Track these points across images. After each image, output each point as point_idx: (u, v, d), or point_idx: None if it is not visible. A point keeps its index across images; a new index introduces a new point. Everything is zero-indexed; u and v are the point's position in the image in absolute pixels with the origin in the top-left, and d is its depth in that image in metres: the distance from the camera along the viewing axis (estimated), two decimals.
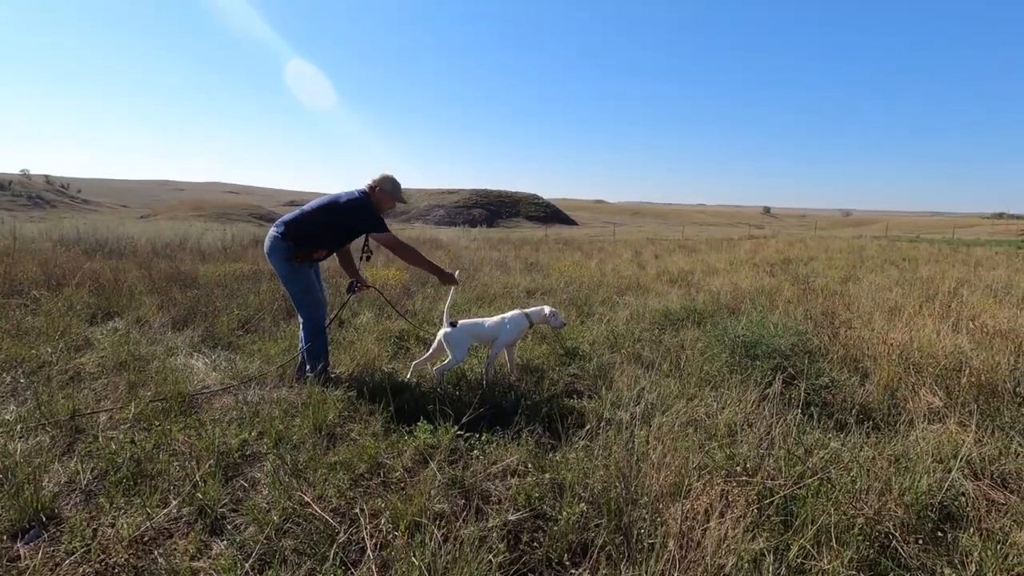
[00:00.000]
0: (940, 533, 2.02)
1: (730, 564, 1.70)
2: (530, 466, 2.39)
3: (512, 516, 2.07)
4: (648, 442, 2.41)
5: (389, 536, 1.94)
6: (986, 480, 2.39)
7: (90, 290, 5.81)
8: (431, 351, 3.62)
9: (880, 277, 8.36)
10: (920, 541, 1.96)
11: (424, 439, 2.61)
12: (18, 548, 1.88)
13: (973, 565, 1.82)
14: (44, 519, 2.04)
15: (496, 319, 3.63)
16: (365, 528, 1.94)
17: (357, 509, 2.08)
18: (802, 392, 2.97)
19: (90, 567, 1.79)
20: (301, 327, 3.57)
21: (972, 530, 2.02)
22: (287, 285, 3.52)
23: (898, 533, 1.96)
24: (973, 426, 2.66)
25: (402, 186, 3.60)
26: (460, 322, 3.53)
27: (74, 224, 13.85)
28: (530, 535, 2.00)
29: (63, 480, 2.30)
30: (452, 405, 2.86)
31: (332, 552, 1.84)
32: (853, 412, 2.97)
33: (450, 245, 15.43)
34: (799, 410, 2.84)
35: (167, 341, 4.36)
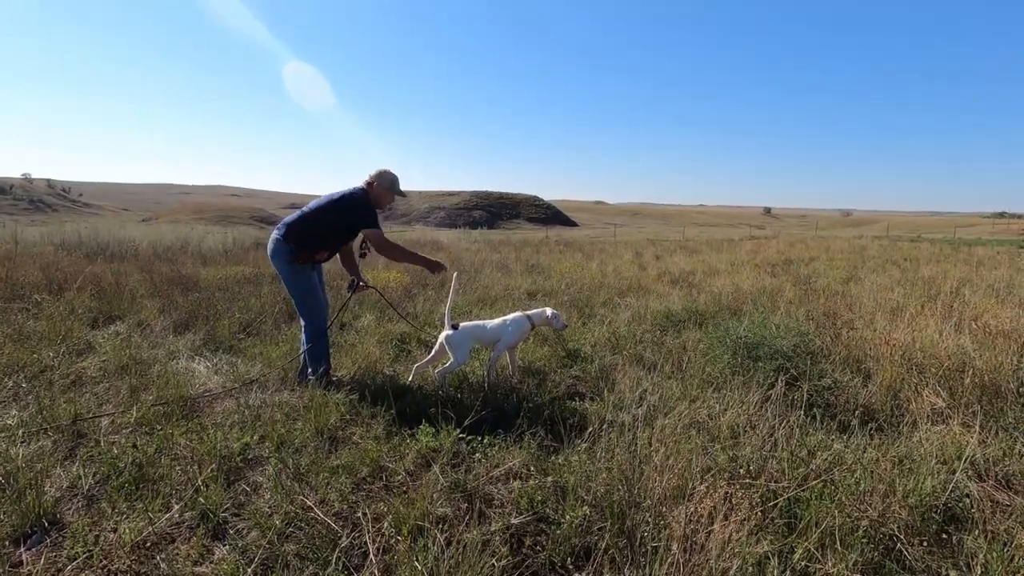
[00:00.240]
0: (945, 535, 2.01)
1: (734, 567, 1.69)
2: (532, 469, 2.39)
3: (515, 519, 2.07)
4: (651, 444, 2.40)
5: (392, 540, 1.93)
6: (991, 481, 2.37)
7: (91, 294, 5.83)
8: (433, 354, 3.61)
9: (882, 277, 8.34)
10: (925, 543, 1.95)
11: (426, 442, 2.60)
12: (20, 554, 1.88)
13: (979, 567, 1.81)
14: (46, 524, 2.04)
15: (498, 321, 3.63)
16: (367, 532, 1.93)
17: (359, 513, 2.08)
18: (805, 393, 2.96)
19: (92, 573, 1.78)
20: (303, 330, 3.57)
21: (977, 532, 2.01)
22: (289, 287, 3.52)
23: (903, 535, 1.96)
24: (977, 427, 2.65)
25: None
26: (462, 324, 3.52)
27: (75, 228, 13.88)
28: (533, 539, 2.00)
29: (65, 485, 2.30)
30: (454, 408, 2.86)
31: (335, 557, 1.84)
32: (856, 413, 2.95)
33: (451, 247, 15.44)
34: (802, 411, 2.83)
35: (168, 345, 4.36)
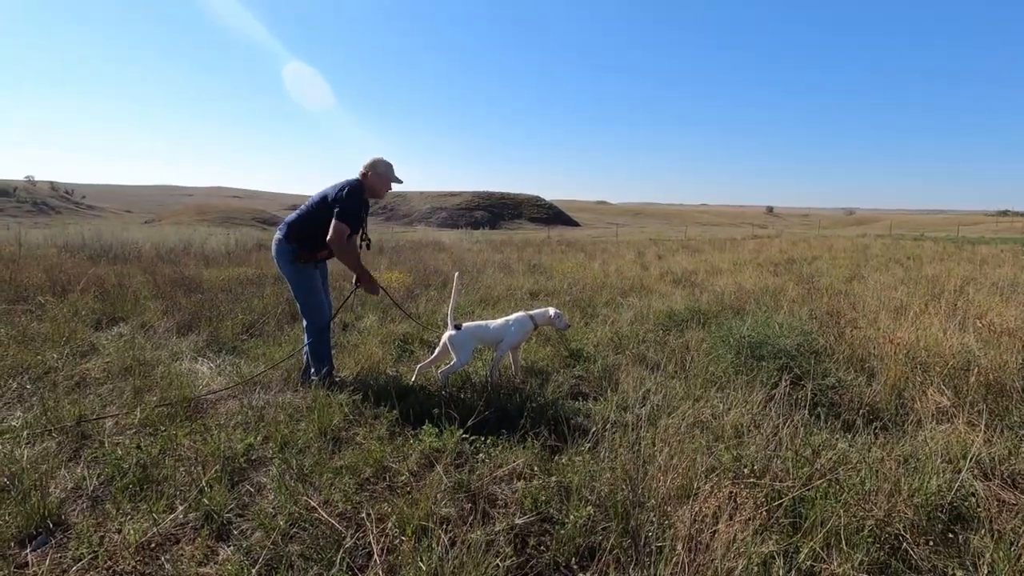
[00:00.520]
0: (951, 534, 2.00)
1: (740, 567, 1.69)
2: (536, 469, 2.39)
3: (519, 520, 2.07)
4: (654, 444, 2.40)
5: (396, 541, 1.93)
6: (997, 480, 2.36)
7: (95, 296, 5.85)
8: (436, 354, 3.61)
9: (885, 276, 8.32)
10: (931, 543, 1.94)
11: (430, 442, 2.60)
12: (26, 554, 1.88)
13: (985, 567, 1.80)
14: (51, 525, 2.04)
15: (501, 321, 3.63)
16: (372, 533, 1.93)
17: (363, 514, 2.07)
18: (809, 393, 2.95)
19: (97, 573, 1.79)
20: (304, 330, 3.57)
21: (983, 531, 2.00)
22: (292, 287, 3.52)
23: (908, 535, 1.95)
24: (982, 426, 2.63)
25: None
26: (464, 325, 3.52)
27: (79, 230, 13.93)
28: (537, 539, 1.99)
29: (70, 486, 2.30)
30: (457, 408, 2.85)
31: (339, 557, 1.84)
32: (860, 412, 2.95)
33: (453, 247, 15.44)
34: (806, 411, 2.82)
35: (172, 346, 4.37)
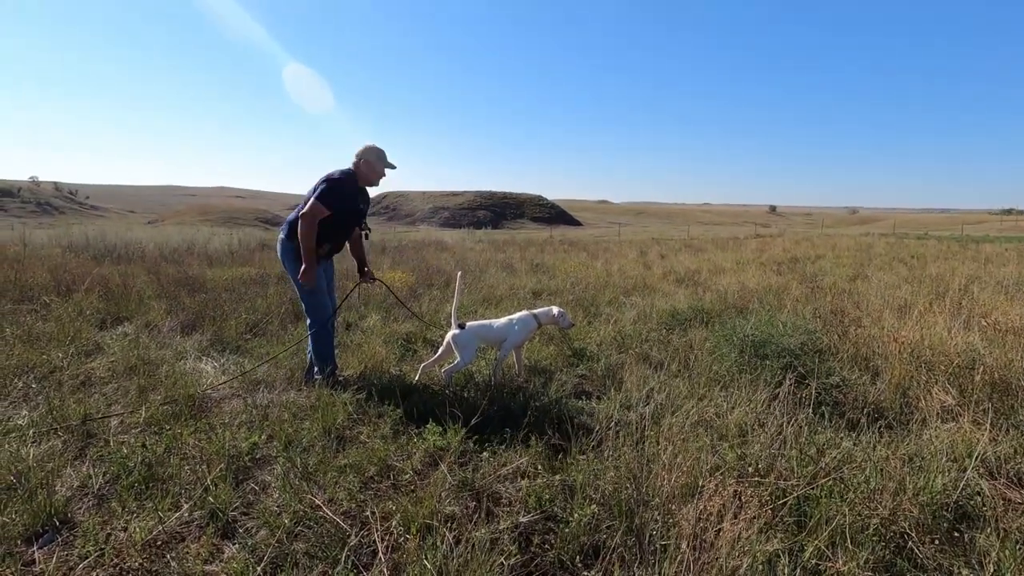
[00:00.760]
0: (956, 533, 2.00)
1: (744, 565, 1.68)
2: (540, 467, 2.39)
3: (523, 518, 2.07)
4: (658, 443, 2.39)
5: (400, 539, 1.93)
6: (1002, 479, 2.36)
7: (99, 295, 5.87)
8: (439, 353, 3.61)
9: (889, 275, 8.29)
10: (936, 541, 1.93)
11: (433, 441, 2.61)
12: (33, 552, 1.89)
13: (991, 566, 1.79)
14: (57, 523, 2.05)
15: (504, 320, 3.63)
16: (376, 531, 1.94)
17: (368, 512, 2.08)
18: (813, 391, 2.95)
19: (104, 571, 1.79)
20: (308, 329, 3.58)
21: (989, 530, 1.99)
22: (296, 286, 3.53)
23: (914, 533, 1.94)
24: (988, 424, 2.62)
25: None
26: (468, 324, 3.52)
27: (83, 230, 13.98)
28: (541, 537, 1.99)
29: (76, 484, 2.31)
30: (461, 407, 2.86)
31: (344, 555, 1.84)
32: (865, 411, 2.94)
33: (455, 247, 15.45)
34: (810, 409, 2.81)
35: (176, 345, 4.39)
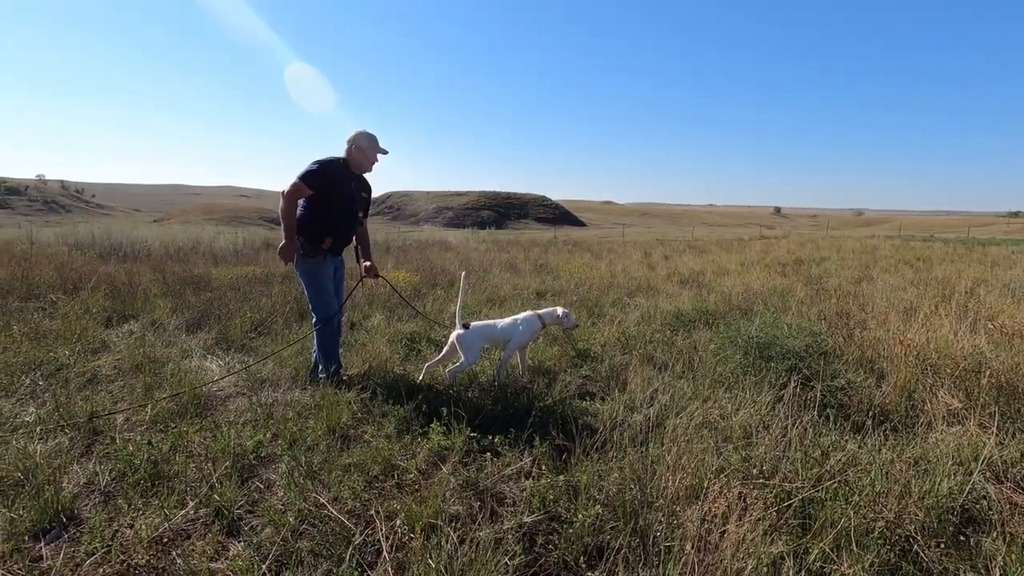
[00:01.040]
0: (962, 537, 1.99)
1: (749, 568, 1.68)
2: (544, 468, 2.39)
3: (527, 518, 2.07)
4: (663, 444, 2.39)
5: (405, 538, 1.94)
6: (1009, 483, 2.34)
7: (105, 293, 5.90)
8: (443, 353, 3.62)
9: (894, 277, 8.25)
10: (942, 545, 1.93)
11: (438, 441, 2.61)
12: (40, 548, 1.91)
13: (997, 570, 1.79)
14: (64, 520, 2.07)
15: (509, 320, 3.63)
16: (381, 530, 1.94)
17: (372, 511, 2.09)
18: (818, 394, 2.94)
19: (110, 567, 1.81)
20: (313, 326, 3.59)
21: (995, 534, 1.98)
22: (303, 281, 3.55)
23: (919, 537, 1.93)
24: (994, 428, 2.61)
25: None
26: (472, 324, 3.53)
27: (89, 229, 14.06)
28: (545, 537, 1.99)
29: (82, 481, 2.33)
30: (465, 407, 2.86)
31: (348, 554, 1.85)
32: (870, 414, 2.93)
33: (459, 247, 15.46)
34: (815, 412, 2.81)
35: (181, 344, 4.41)
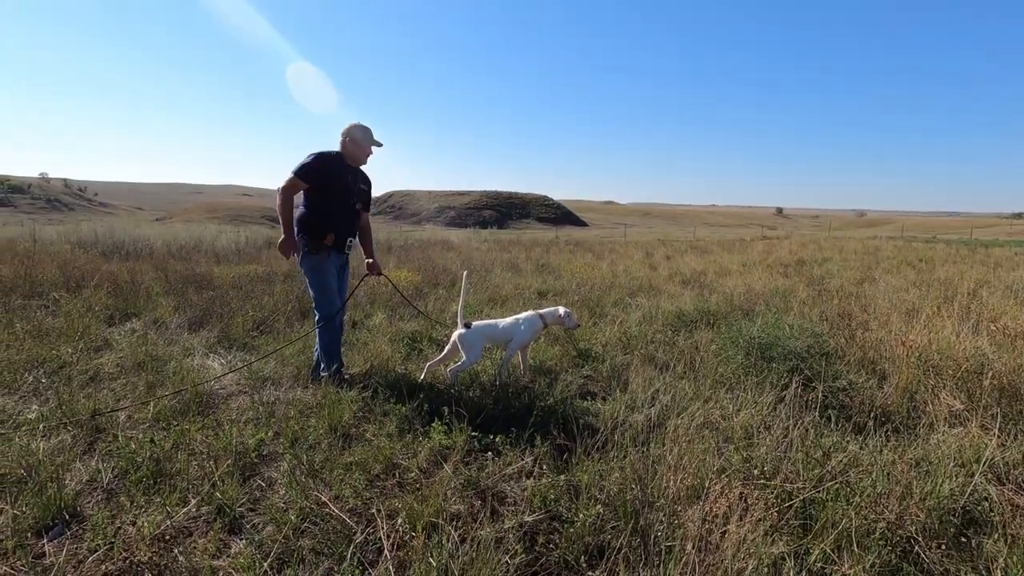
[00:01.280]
0: (963, 538, 1.98)
1: (750, 568, 1.68)
2: (545, 468, 2.39)
3: (528, 517, 2.07)
4: (664, 444, 2.39)
5: (406, 536, 1.94)
6: (1010, 485, 2.33)
7: (108, 292, 5.92)
8: (445, 352, 3.62)
9: (896, 278, 8.24)
10: (943, 546, 1.92)
11: (439, 440, 2.61)
12: (43, 545, 1.92)
13: (998, 571, 1.78)
14: (67, 517, 2.08)
15: (510, 320, 3.63)
16: (382, 528, 1.95)
17: (374, 509, 2.09)
18: (819, 394, 2.93)
19: (113, 564, 1.81)
20: (316, 323, 3.60)
21: (997, 536, 1.98)
22: (308, 279, 3.56)
23: (920, 538, 1.93)
24: (996, 430, 2.60)
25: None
26: (474, 323, 3.53)
27: (92, 227, 14.10)
28: (546, 537, 2.00)
29: (85, 478, 2.34)
30: (466, 406, 2.87)
31: (350, 552, 1.85)
32: (872, 415, 2.92)
33: (461, 247, 15.47)
34: (816, 413, 2.81)
35: (183, 342, 4.42)
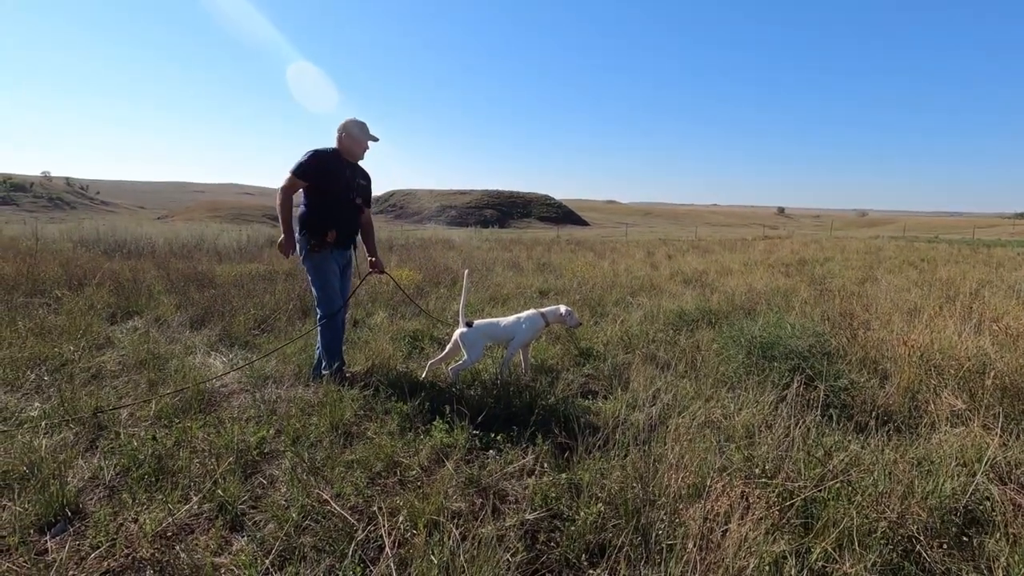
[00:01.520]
0: (965, 538, 1.98)
1: (751, 566, 1.68)
2: (546, 466, 2.39)
3: (529, 516, 2.07)
4: (665, 443, 2.39)
5: (407, 534, 1.95)
6: (1012, 484, 2.33)
7: (110, 290, 5.93)
8: (446, 351, 3.62)
9: (898, 278, 8.22)
10: (944, 546, 1.92)
11: (440, 438, 2.61)
12: (45, 541, 1.92)
13: (1000, 571, 1.78)
14: (69, 514, 2.08)
15: (512, 319, 3.63)
16: (383, 526, 1.95)
17: (375, 507, 2.09)
18: (821, 394, 2.93)
19: (115, 561, 1.82)
20: (317, 321, 3.61)
21: (998, 535, 1.97)
22: (311, 278, 3.57)
23: (922, 537, 1.93)
24: (998, 429, 2.60)
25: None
26: (475, 322, 3.53)
27: (94, 225, 14.13)
28: (547, 535, 2.00)
29: (87, 476, 2.34)
30: (467, 405, 2.87)
31: (351, 549, 1.86)
32: (873, 414, 2.92)
33: (462, 246, 15.47)
34: (818, 412, 2.80)
35: (185, 340, 4.43)
